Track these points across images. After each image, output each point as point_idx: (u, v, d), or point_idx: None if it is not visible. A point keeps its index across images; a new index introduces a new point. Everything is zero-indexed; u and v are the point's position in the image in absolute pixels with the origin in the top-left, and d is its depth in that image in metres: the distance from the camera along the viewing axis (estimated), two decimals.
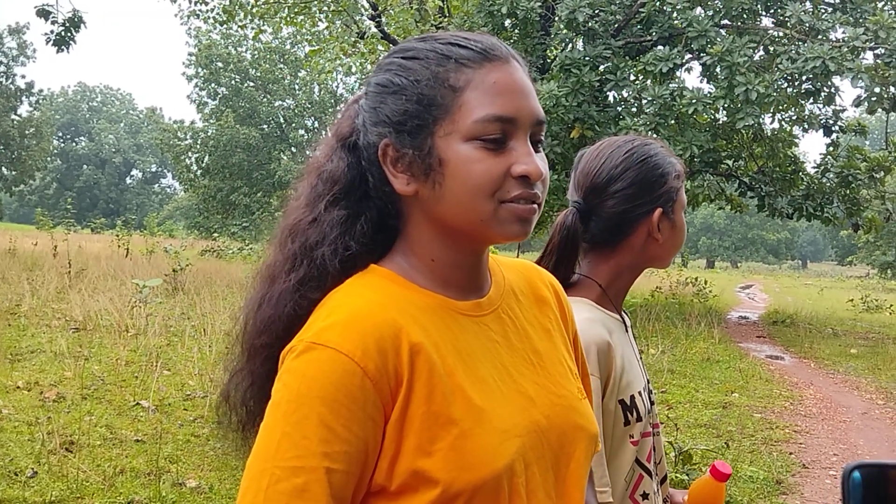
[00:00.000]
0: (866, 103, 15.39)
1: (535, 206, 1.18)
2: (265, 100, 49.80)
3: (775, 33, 16.01)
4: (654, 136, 14.07)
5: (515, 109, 1.16)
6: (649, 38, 16.31)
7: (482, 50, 1.18)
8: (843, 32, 14.93)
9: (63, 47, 18.13)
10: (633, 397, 1.79)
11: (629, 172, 1.88)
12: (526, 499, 1.17)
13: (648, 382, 1.94)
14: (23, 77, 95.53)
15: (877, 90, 15.02)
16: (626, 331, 1.90)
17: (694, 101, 14.50)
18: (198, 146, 46.60)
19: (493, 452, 1.13)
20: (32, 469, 5.37)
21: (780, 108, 16.49)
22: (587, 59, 15.41)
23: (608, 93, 16.28)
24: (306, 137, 50.53)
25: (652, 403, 1.93)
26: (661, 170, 1.89)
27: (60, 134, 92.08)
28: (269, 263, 1.27)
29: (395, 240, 1.26)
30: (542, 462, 1.21)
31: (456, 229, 1.19)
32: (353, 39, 21.60)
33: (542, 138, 1.22)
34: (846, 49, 14.05)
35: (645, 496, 1.81)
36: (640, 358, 1.97)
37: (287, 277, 1.22)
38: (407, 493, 1.12)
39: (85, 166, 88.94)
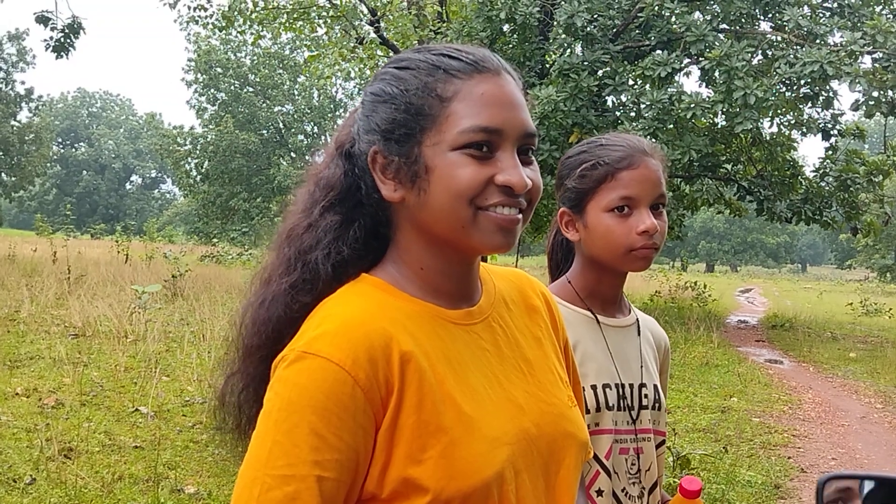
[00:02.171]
0: (864, 107, 15.39)
1: (519, 216, 1.19)
2: (264, 105, 49.89)
3: (773, 38, 16.04)
4: (643, 134, 14.12)
5: (502, 121, 1.17)
6: (648, 42, 16.33)
7: (472, 62, 1.20)
8: (841, 37, 14.93)
9: (62, 53, 18.13)
10: (582, 389, 1.78)
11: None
12: None
13: (643, 386, 1.94)
14: (22, 83, 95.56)
15: (875, 94, 15.03)
16: (598, 326, 1.91)
17: (692, 105, 14.50)
18: (197, 152, 46.66)
19: (482, 460, 1.14)
20: (31, 476, 5.37)
21: (779, 112, 16.50)
22: (586, 63, 15.42)
23: (607, 97, 16.30)
24: (305, 143, 50.65)
25: (644, 408, 1.92)
26: (567, 170, 1.93)
27: (60, 140, 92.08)
28: (266, 266, 1.30)
29: (386, 248, 1.28)
30: (531, 470, 1.21)
31: (441, 238, 1.21)
32: (351, 45, 21.62)
33: (534, 149, 1.23)
34: (844, 53, 14.05)
35: (600, 493, 1.82)
36: (644, 359, 1.96)
37: (281, 281, 1.24)
38: (397, 500, 1.13)
39: (84, 172, 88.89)
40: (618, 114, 16.38)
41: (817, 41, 14.94)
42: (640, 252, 1.83)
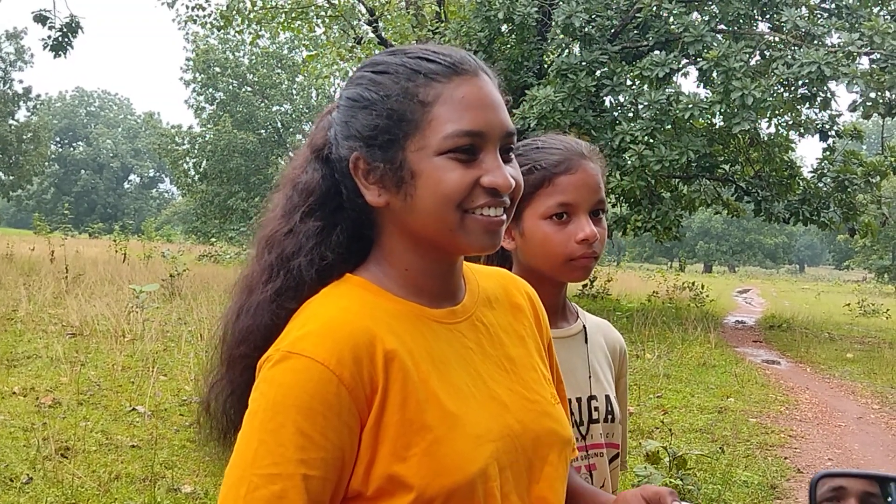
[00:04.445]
0: (862, 108, 15.43)
1: (504, 216, 1.21)
2: (263, 105, 49.82)
3: (771, 38, 16.06)
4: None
5: (484, 123, 1.18)
6: (646, 43, 16.35)
7: (451, 64, 1.20)
8: (839, 37, 14.96)
9: (60, 52, 18.15)
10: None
11: None
12: (500, 503, 1.19)
13: (593, 399, 1.85)
14: (20, 82, 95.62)
15: (872, 95, 15.06)
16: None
17: (690, 105, 14.52)
18: (195, 151, 46.60)
19: (466, 457, 1.15)
20: (28, 475, 5.37)
21: (777, 112, 16.53)
22: (584, 64, 15.43)
23: (605, 98, 16.33)
24: (303, 141, 50.55)
25: (594, 422, 1.84)
26: None
27: (58, 139, 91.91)
28: (247, 275, 1.29)
29: (370, 249, 1.28)
30: (515, 466, 1.23)
31: (427, 240, 1.22)
32: (350, 44, 21.64)
33: (514, 147, 1.24)
34: (842, 54, 14.08)
35: None
36: (593, 369, 1.87)
37: (264, 288, 1.24)
38: (383, 498, 1.14)
39: (82, 171, 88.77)
40: (616, 114, 16.40)
41: (815, 42, 14.97)
42: (579, 262, 1.75)
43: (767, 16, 16.69)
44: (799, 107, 16.72)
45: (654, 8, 15.49)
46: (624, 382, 2.02)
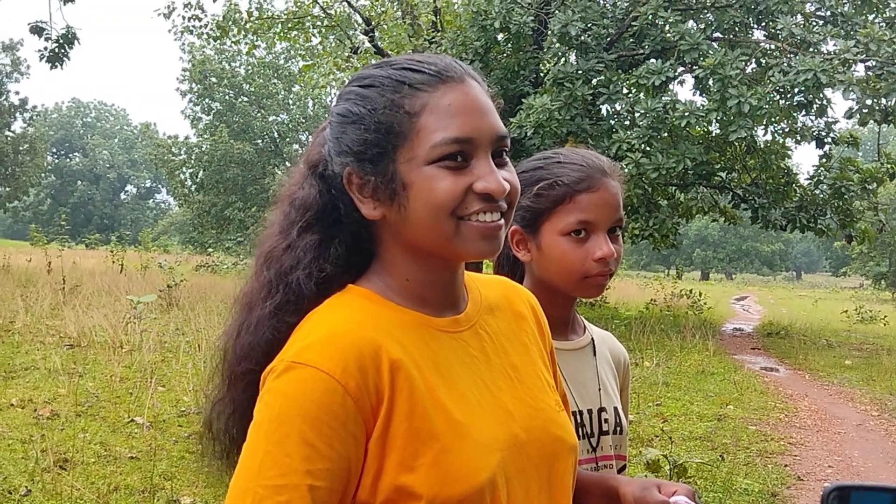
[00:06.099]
0: (858, 115, 15.49)
1: (501, 221, 1.20)
2: (259, 115, 49.82)
3: (767, 46, 16.12)
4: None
5: (472, 129, 1.17)
6: (642, 51, 16.39)
7: (436, 72, 1.20)
8: (835, 45, 15.02)
9: (57, 63, 18.14)
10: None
11: None
12: None
13: (603, 411, 1.85)
14: (16, 93, 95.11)
15: (868, 102, 15.12)
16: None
17: (687, 113, 14.56)
18: (192, 161, 46.57)
19: (474, 466, 1.15)
20: (26, 487, 5.34)
21: (773, 120, 16.58)
22: (580, 72, 15.47)
23: (601, 106, 16.34)
24: (300, 152, 50.44)
25: (604, 434, 1.84)
26: (522, 186, 1.78)
27: (54, 150, 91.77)
28: (247, 291, 1.29)
29: (370, 260, 1.28)
30: (522, 475, 1.22)
31: (426, 250, 1.21)
32: (346, 54, 21.63)
33: (507, 150, 1.23)
34: (837, 61, 14.13)
35: None
36: (602, 381, 1.88)
37: (264, 304, 1.24)
38: None
39: (79, 182, 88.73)
40: (612, 122, 16.43)
41: (811, 49, 15.01)
42: (594, 279, 1.75)
43: (763, 24, 16.76)
44: (795, 114, 16.77)
45: (650, 16, 15.54)
46: (626, 394, 2.03)
